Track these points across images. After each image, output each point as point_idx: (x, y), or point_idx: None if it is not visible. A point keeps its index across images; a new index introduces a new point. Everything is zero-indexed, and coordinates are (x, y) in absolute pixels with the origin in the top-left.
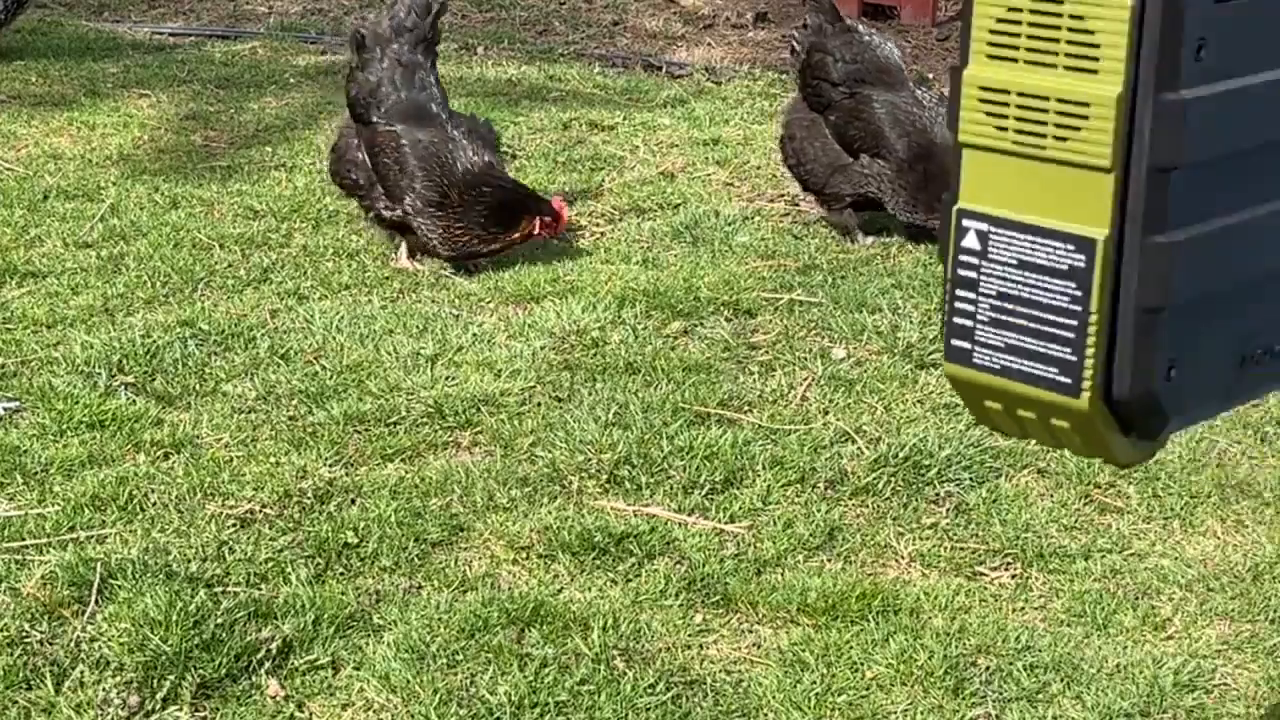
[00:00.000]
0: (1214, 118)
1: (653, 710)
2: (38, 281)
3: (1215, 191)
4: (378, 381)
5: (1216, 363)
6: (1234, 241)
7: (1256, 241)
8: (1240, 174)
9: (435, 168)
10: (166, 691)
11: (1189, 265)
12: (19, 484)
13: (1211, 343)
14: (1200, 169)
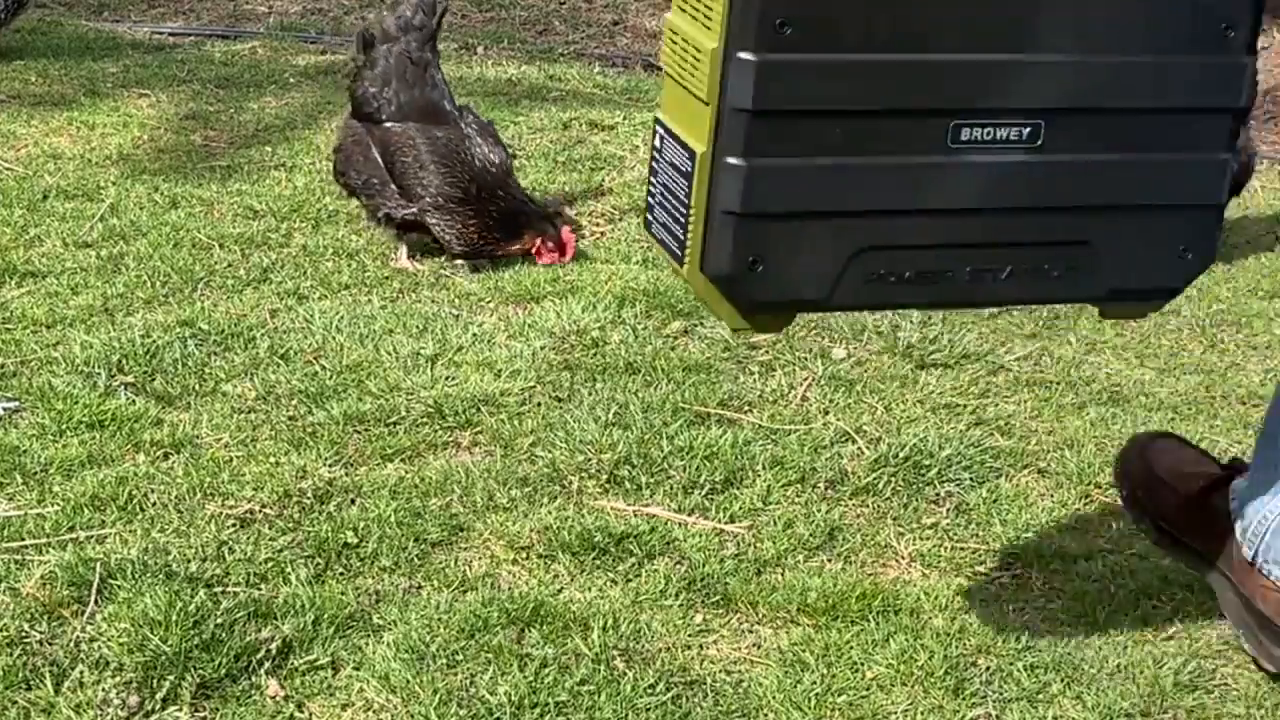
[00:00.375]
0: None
1: (653, 710)
2: (37, 281)
3: (789, 137)
4: (378, 381)
5: (810, 264)
6: (809, 177)
7: (836, 182)
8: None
9: (456, 164)
10: (166, 691)
11: (759, 185)
12: (18, 484)
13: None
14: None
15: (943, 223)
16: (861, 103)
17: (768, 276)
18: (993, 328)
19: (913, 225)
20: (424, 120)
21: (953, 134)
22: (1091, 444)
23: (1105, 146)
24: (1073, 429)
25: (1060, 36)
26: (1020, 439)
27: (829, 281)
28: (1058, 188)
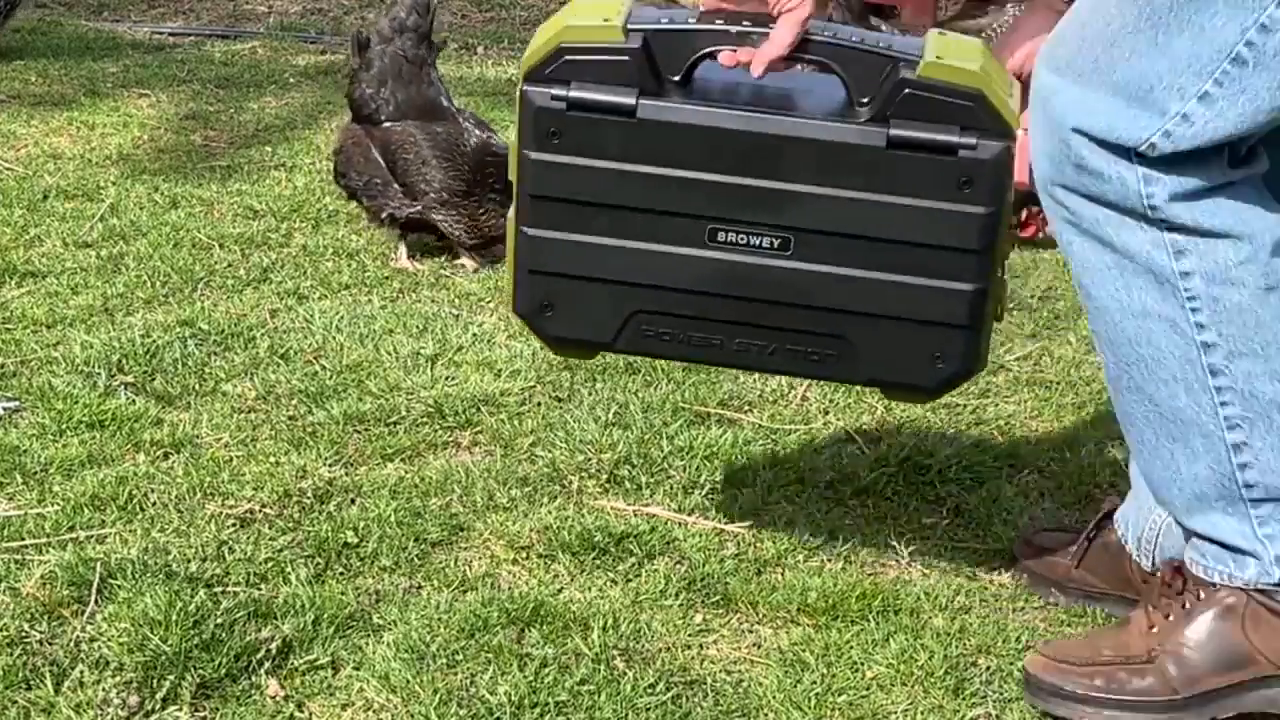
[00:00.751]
0: (558, 176)
1: (653, 710)
2: (37, 281)
3: (564, 217)
4: (378, 381)
5: (594, 316)
6: (584, 249)
7: (608, 256)
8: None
9: (457, 158)
10: (166, 691)
11: (542, 249)
12: (18, 484)
13: (589, 303)
14: (551, 200)
15: (707, 301)
16: (622, 201)
17: (558, 320)
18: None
19: (680, 299)
20: (423, 118)
21: (710, 234)
22: (1091, 444)
23: (850, 263)
24: (1073, 429)
25: (804, 171)
26: (1020, 439)
27: (612, 331)
28: (808, 290)
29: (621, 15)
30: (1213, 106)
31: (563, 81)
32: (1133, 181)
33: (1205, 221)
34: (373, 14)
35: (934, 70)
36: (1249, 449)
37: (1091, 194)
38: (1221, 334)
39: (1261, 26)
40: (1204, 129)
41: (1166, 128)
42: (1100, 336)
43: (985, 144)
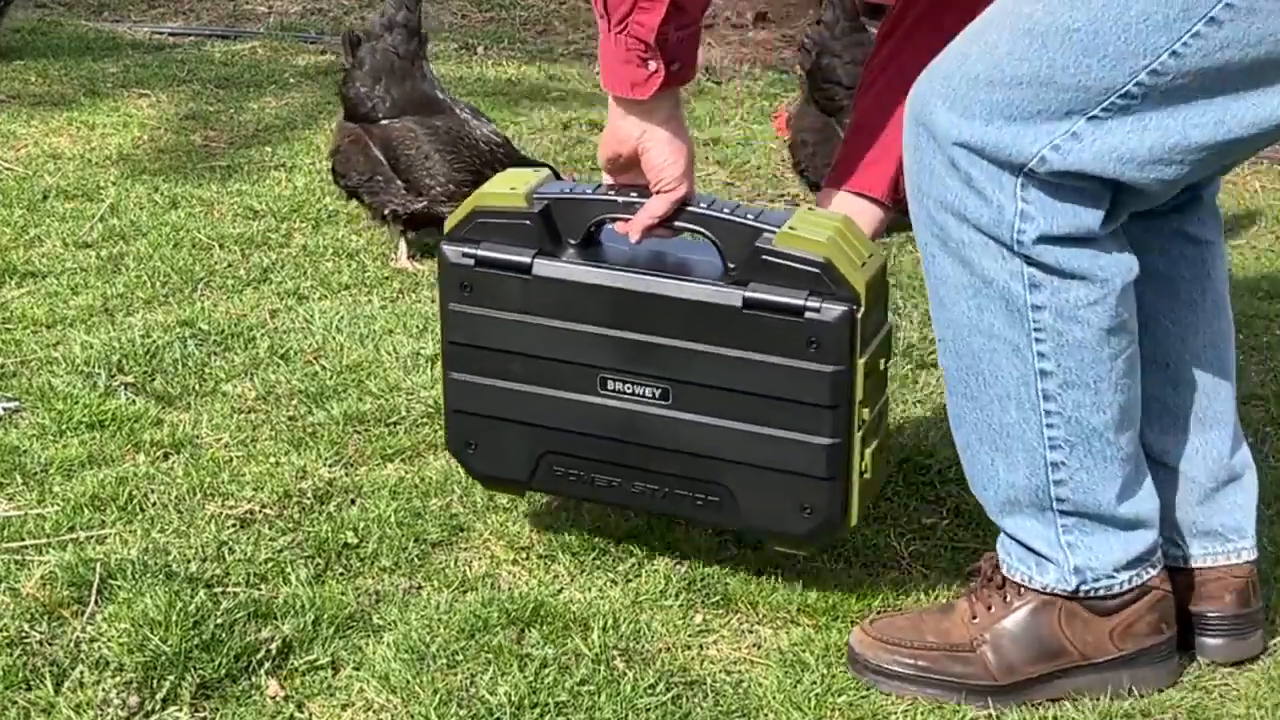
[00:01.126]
0: (470, 324)
1: (653, 710)
2: (37, 281)
3: (479, 362)
4: (378, 381)
5: (510, 456)
6: (497, 393)
7: (518, 400)
8: (499, 360)
9: (461, 150)
10: (166, 692)
11: (462, 391)
12: (19, 484)
13: (505, 443)
14: (467, 346)
15: (604, 445)
16: (525, 349)
17: (481, 458)
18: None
19: (581, 443)
20: (420, 112)
21: (600, 382)
22: None
23: (720, 414)
24: None
25: (675, 327)
26: None
27: (527, 470)
28: (687, 438)
29: (530, 186)
30: (1102, 125)
31: (474, 241)
32: (1010, 213)
33: (1066, 264)
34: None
35: (787, 240)
36: (1066, 468)
37: (966, 215)
38: (1060, 365)
39: (1152, 71)
40: (1093, 147)
41: (1056, 142)
42: (945, 344)
43: (829, 308)
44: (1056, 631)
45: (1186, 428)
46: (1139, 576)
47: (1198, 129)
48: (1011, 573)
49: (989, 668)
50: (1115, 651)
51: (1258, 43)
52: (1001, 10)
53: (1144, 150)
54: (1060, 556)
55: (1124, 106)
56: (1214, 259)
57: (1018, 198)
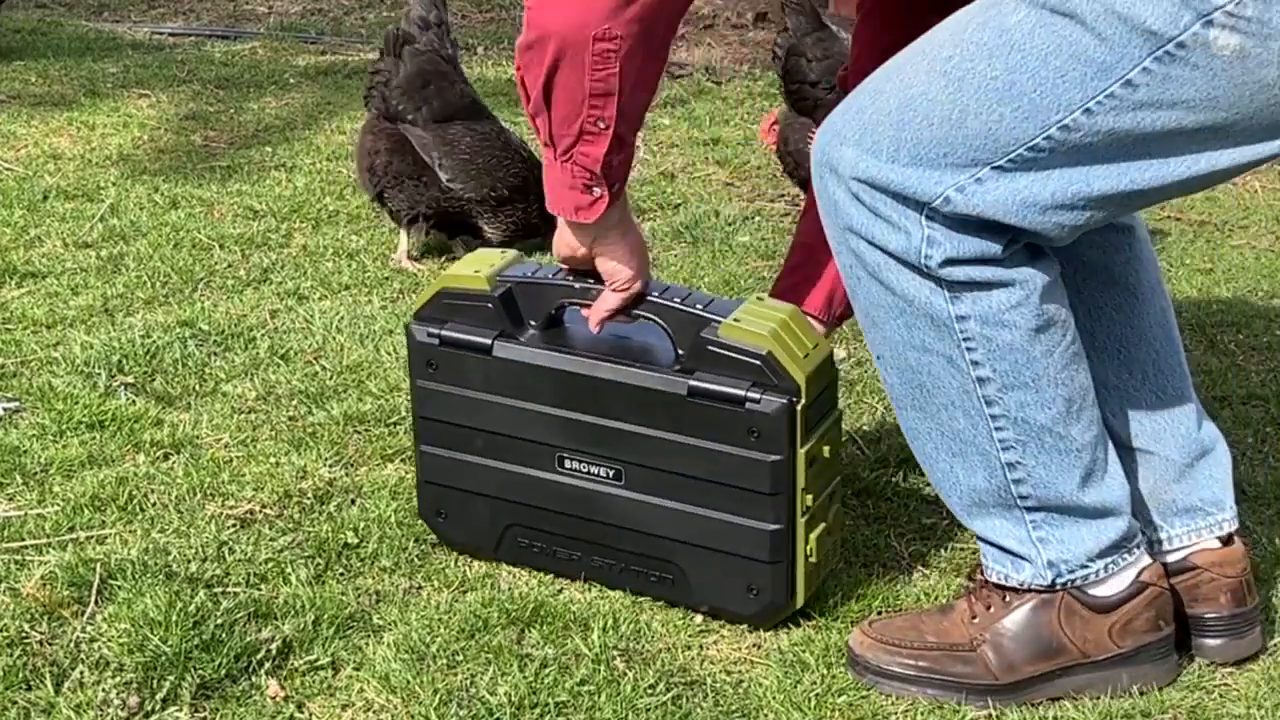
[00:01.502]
0: (436, 400)
1: (653, 710)
2: (37, 281)
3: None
4: (378, 381)
5: (477, 526)
6: (464, 466)
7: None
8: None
9: (510, 155)
10: (166, 692)
11: (432, 464)
12: (19, 484)
13: (473, 515)
14: (434, 421)
15: (563, 521)
16: (488, 426)
17: (450, 526)
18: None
19: (543, 517)
20: (466, 116)
21: (559, 460)
22: None
23: (670, 496)
24: None
25: (627, 412)
26: None
27: (493, 541)
28: (640, 517)
29: (495, 268)
30: (1008, 175)
31: (439, 321)
32: (916, 238)
33: (978, 276)
34: (372, 14)
35: (731, 331)
36: (1022, 466)
37: (875, 241)
38: (995, 370)
39: (1064, 127)
40: (995, 192)
41: (961, 183)
42: (884, 361)
43: (769, 399)
44: (1056, 629)
45: (1149, 409)
46: (1116, 564)
47: (1101, 179)
48: (990, 574)
49: (989, 667)
50: (1115, 649)
51: (1170, 107)
52: (920, 51)
53: (1046, 196)
54: (1033, 553)
55: (1031, 159)
56: (1139, 242)
57: (923, 225)
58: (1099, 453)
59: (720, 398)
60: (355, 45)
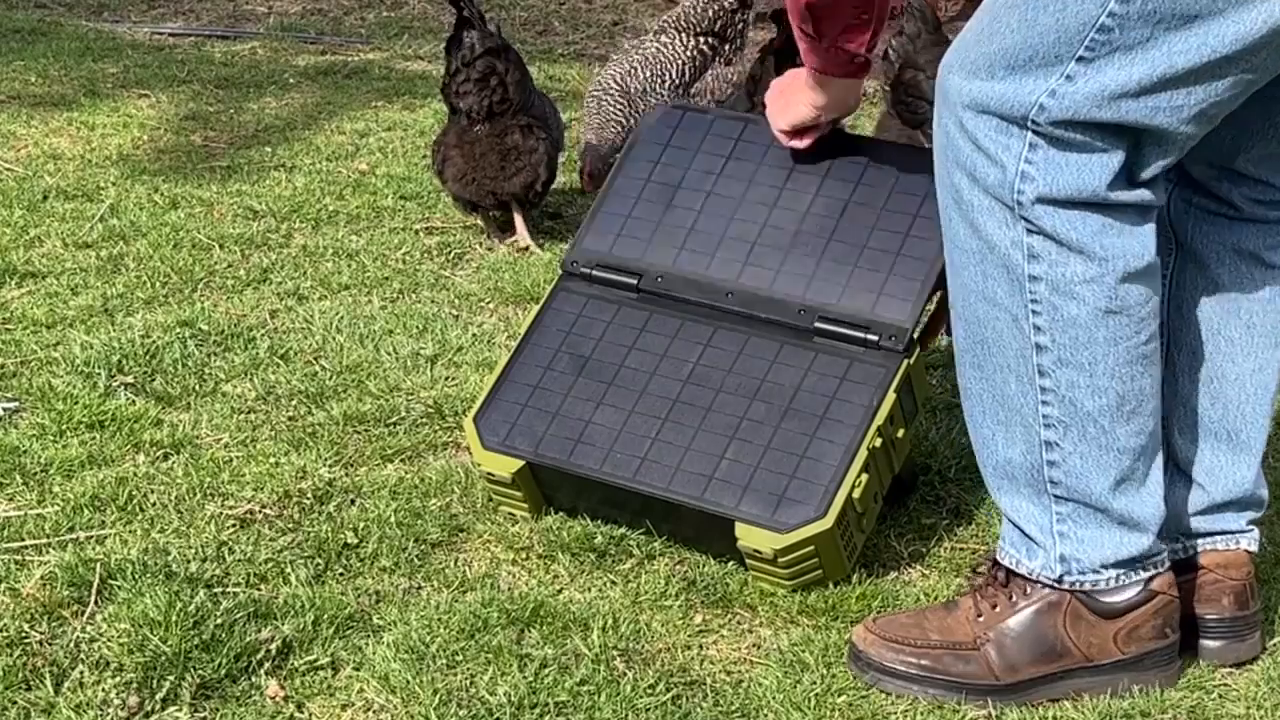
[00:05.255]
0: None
1: (653, 710)
2: (37, 281)
3: None
4: (378, 382)
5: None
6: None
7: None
8: None
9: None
10: (166, 692)
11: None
12: (19, 484)
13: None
14: None
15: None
16: None
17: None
18: None
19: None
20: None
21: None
22: None
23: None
24: None
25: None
26: None
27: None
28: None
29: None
30: (1092, 65)
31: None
32: (1011, 173)
33: (1063, 232)
34: (372, 14)
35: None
36: (1059, 449)
37: (976, 176)
38: (1054, 340)
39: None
40: (1085, 88)
41: (1052, 87)
42: (956, 311)
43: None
44: (1060, 632)
45: (1216, 445)
46: (1127, 577)
47: (1182, 54)
48: (1003, 556)
49: (991, 666)
50: (1118, 654)
51: None
52: None
53: (1133, 83)
54: (1049, 542)
55: (1104, 41)
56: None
57: (1021, 158)
58: (1141, 463)
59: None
60: (355, 45)
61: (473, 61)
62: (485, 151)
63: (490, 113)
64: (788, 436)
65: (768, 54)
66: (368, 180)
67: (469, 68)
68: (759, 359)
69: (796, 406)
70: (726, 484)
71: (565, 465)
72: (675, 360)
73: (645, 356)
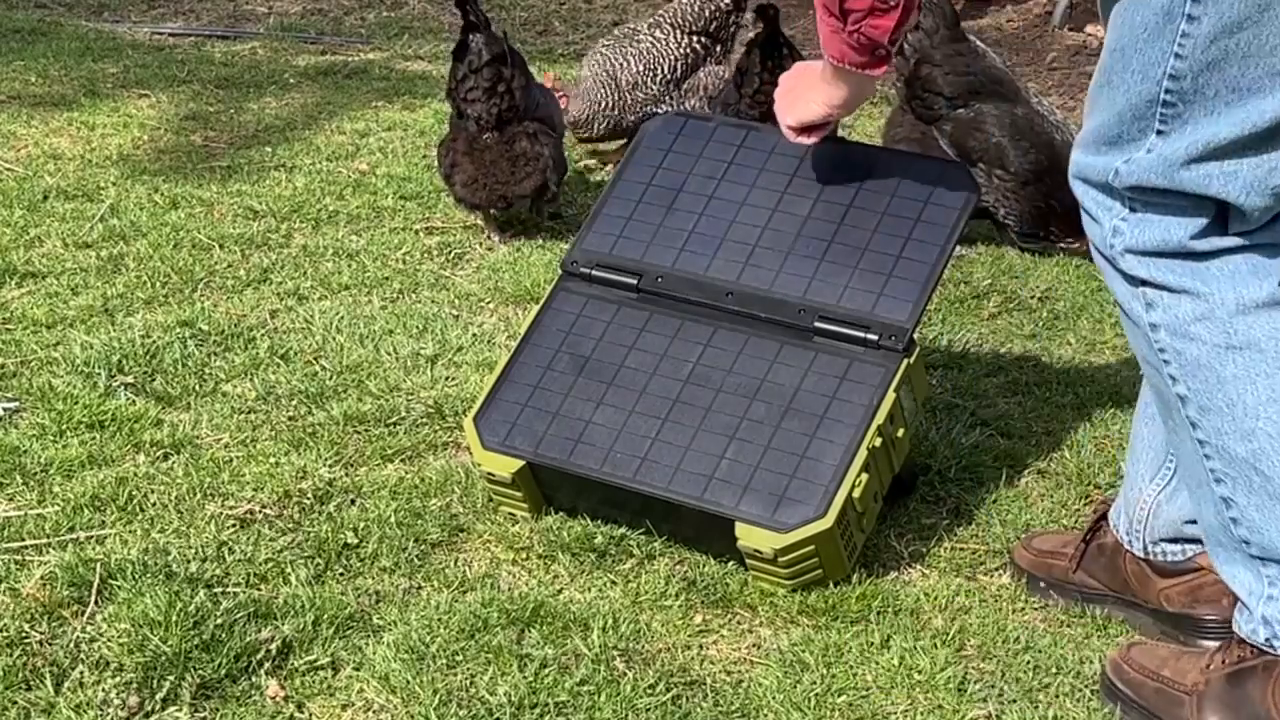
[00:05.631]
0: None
1: (653, 710)
2: (37, 281)
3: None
4: (378, 382)
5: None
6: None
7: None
8: None
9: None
10: (166, 692)
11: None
12: (19, 484)
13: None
14: None
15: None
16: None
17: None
18: (993, 328)
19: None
20: None
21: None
22: (1091, 444)
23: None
24: (1073, 429)
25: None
26: (1020, 439)
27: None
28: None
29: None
30: (1164, 139)
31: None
32: (1106, 226)
33: (1160, 278)
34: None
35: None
36: (1235, 505)
37: (1093, 239)
38: (1190, 387)
39: (1171, 76)
40: (1149, 158)
41: (1128, 155)
42: (1145, 375)
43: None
44: (1269, 703)
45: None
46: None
47: (1227, 125)
48: (1235, 623)
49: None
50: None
51: (1237, 30)
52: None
53: (1180, 151)
54: (1254, 603)
55: (1170, 116)
56: None
57: (1116, 216)
58: None
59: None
60: (355, 45)
61: (480, 69)
62: (495, 160)
63: (499, 120)
64: (788, 436)
65: (753, 47)
66: (368, 180)
67: (477, 74)
68: (759, 359)
69: (796, 406)
70: (726, 484)
71: (565, 465)
72: (675, 360)
73: (645, 356)
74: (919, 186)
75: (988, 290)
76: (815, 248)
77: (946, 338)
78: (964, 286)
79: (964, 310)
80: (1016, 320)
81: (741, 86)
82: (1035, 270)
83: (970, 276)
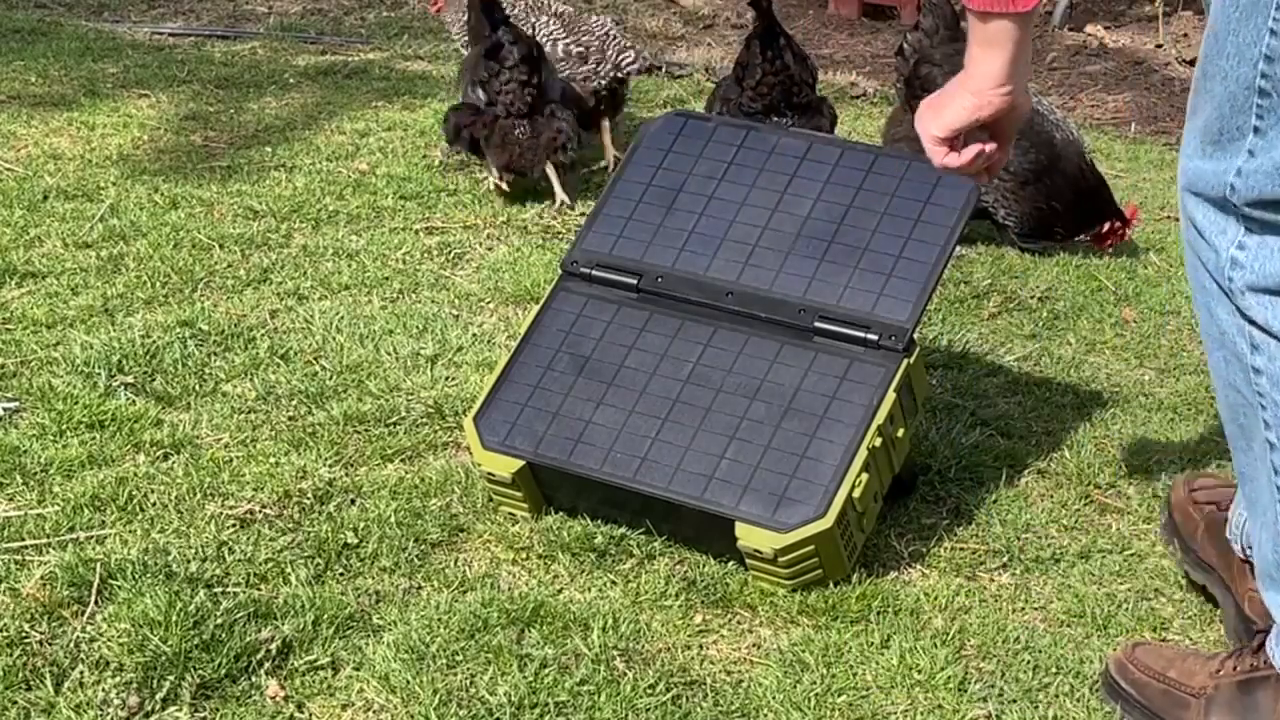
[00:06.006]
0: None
1: (653, 710)
2: (37, 281)
3: None
4: (378, 382)
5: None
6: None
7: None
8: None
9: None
10: (166, 692)
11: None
12: (19, 484)
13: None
14: None
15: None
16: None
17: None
18: (993, 328)
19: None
20: None
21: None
22: (1091, 444)
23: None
24: (1073, 429)
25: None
26: (1020, 439)
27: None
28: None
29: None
30: (1266, 137)
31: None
32: (1224, 254)
33: (1276, 326)
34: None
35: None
36: None
37: (1201, 259)
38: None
39: (1267, 58)
40: (1265, 161)
41: (1239, 165)
42: (1217, 392)
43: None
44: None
45: None
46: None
47: None
48: (1270, 651)
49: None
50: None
51: None
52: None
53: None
54: None
55: (1269, 107)
56: None
57: (1234, 242)
58: None
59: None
60: (355, 45)
61: (517, 64)
62: (525, 150)
63: (530, 109)
64: (788, 436)
65: (752, 40)
66: (368, 180)
67: (513, 70)
68: (759, 359)
69: (796, 406)
70: (726, 484)
71: (565, 465)
72: (675, 360)
73: (645, 356)
74: (919, 186)
75: (988, 290)
76: (815, 248)
77: (946, 338)
78: (964, 286)
79: (964, 310)
80: (1016, 320)
81: (743, 80)
82: (1035, 270)
83: (970, 276)
